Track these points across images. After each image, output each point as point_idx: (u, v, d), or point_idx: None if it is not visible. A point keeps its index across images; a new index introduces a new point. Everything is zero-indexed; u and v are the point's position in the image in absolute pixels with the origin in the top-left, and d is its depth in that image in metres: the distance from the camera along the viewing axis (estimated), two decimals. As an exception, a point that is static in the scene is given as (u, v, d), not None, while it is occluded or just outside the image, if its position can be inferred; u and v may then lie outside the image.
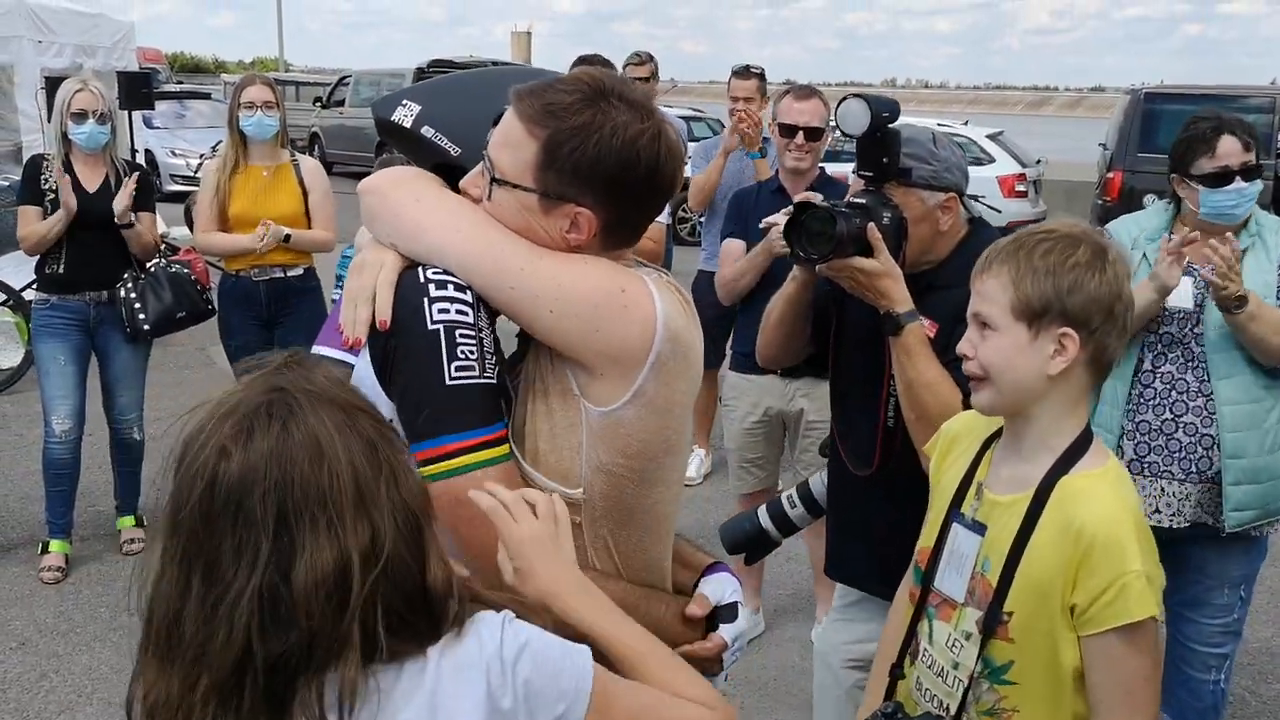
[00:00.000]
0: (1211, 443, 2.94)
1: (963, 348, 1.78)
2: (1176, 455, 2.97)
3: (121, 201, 4.48)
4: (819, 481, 2.62)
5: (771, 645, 4.09)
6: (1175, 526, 2.98)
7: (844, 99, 2.25)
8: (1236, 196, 2.94)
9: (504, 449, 1.47)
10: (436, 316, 1.45)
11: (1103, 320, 1.68)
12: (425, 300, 1.46)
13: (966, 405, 2.15)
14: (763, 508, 2.64)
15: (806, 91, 4.04)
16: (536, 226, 1.51)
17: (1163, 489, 2.99)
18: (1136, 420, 3.00)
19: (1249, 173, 2.94)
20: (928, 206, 2.31)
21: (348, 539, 1.15)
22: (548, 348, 1.51)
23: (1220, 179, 2.93)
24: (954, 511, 1.84)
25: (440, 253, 1.50)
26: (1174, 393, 2.97)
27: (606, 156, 1.46)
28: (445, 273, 1.48)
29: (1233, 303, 2.80)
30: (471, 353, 1.45)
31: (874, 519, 2.49)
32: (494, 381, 1.47)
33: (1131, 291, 1.74)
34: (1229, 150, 2.94)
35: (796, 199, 2.26)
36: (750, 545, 2.65)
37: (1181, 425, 2.96)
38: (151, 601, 1.17)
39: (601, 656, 1.33)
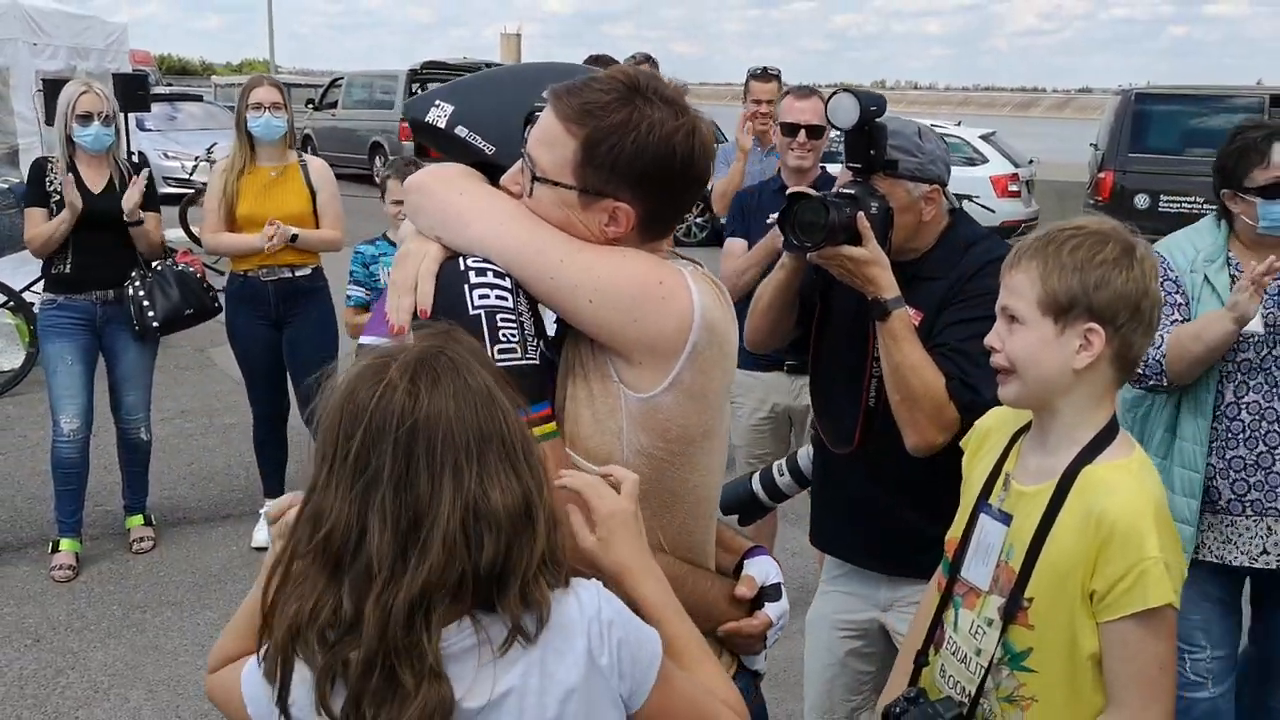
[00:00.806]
0: None
1: (990, 340, 1.81)
2: (1279, 490, 2.80)
3: (132, 198, 4.53)
4: (805, 455, 2.71)
5: (780, 637, 4.12)
6: (1270, 568, 2.84)
7: (834, 93, 2.31)
8: None
9: (551, 426, 1.53)
10: (477, 302, 1.50)
11: (1129, 317, 1.70)
12: (466, 287, 1.51)
13: (949, 389, 2.24)
14: (756, 474, 2.75)
15: (806, 91, 4.10)
16: (576, 221, 1.55)
17: (1270, 528, 2.82)
18: (1228, 457, 2.82)
19: None
20: (912, 197, 2.38)
21: (527, 478, 1.26)
22: (587, 336, 1.56)
23: (1279, 189, 2.75)
24: (982, 502, 1.88)
25: (483, 244, 1.54)
26: (1264, 423, 2.80)
27: (644, 153, 1.51)
28: (484, 260, 1.53)
29: None
30: (513, 335, 1.50)
31: (854, 495, 2.57)
32: (536, 362, 1.52)
33: (1159, 289, 1.75)
34: None
35: (790, 191, 2.32)
36: (742, 508, 2.79)
37: (1278, 458, 2.79)
38: (317, 523, 1.24)
39: None
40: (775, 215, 3.57)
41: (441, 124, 1.71)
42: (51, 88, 6.38)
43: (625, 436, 1.54)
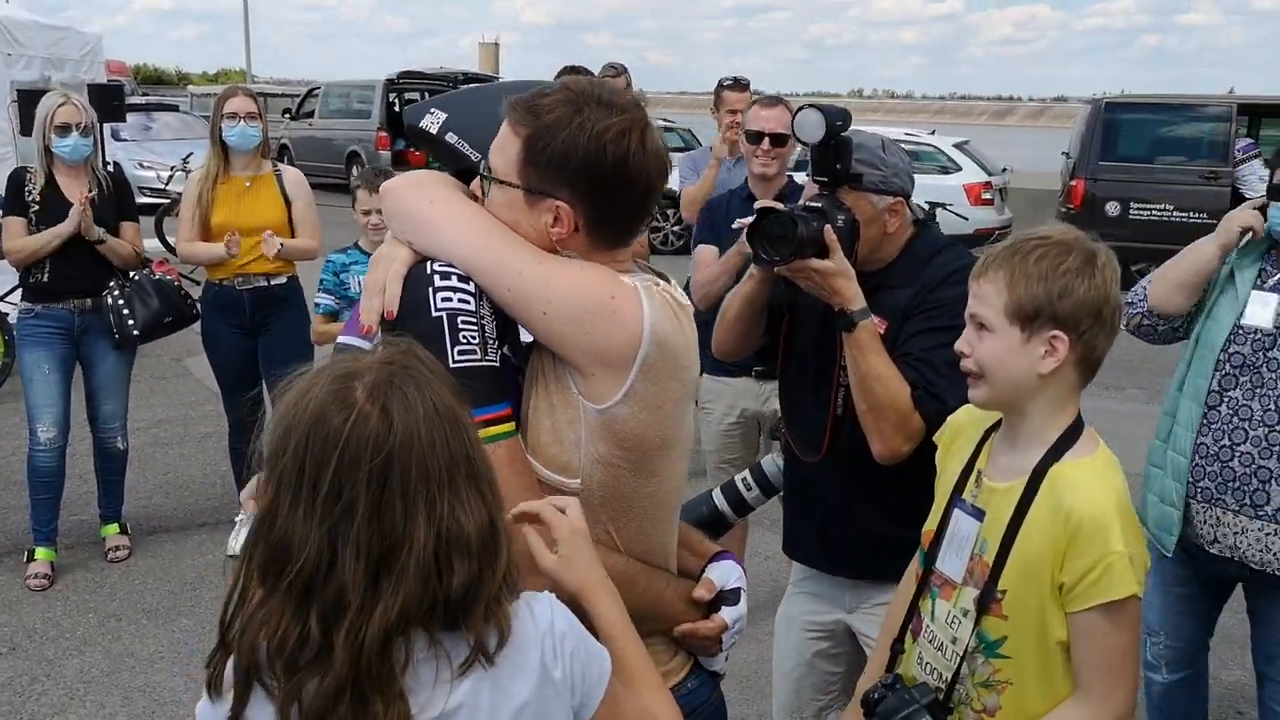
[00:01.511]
0: (1269, 476, 2.73)
1: (960, 346, 1.88)
2: (1231, 485, 2.79)
3: (85, 222, 4.52)
4: (770, 463, 2.73)
5: (750, 640, 4.12)
6: (1224, 556, 2.84)
7: (800, 109, 2.36)
8: None
9: (509, 426, 1.56)
10: (440, 305, 1.55)
11: (1091, 323, 1.78)
12: (430, 290, 1.56)
13: (915, 398, 2.29)
14: (718, 490, 2.75)
15: (772, 100, 4.15)
16: (524, 221, 1.61)
17: (1218, 518, 2.83)
18: (1196, 442, 2.85)
19: None
20: (877, 209, 2.43)
21: (490, 497, 1.27)
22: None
23: None
24: (955, 497, 1.95)
25: (449, 251, 1.60)
26: (1236, 419, 2.79)
27: (574, 150, 1.55)
28: (450, 265, 1.59)
29: None
30: (473, 337, 1.54)
31: (823, 501, 2.62)
32: (496, 364, 1.56)
33: (1120, 295, 1.83)
34: None
35: (758, 205, 2.37)
36: (706, 525, 2.75)
37: (1237, 454, 2.78)
38: (286, 554, 1.21)
39: None
40: (740, 220, 3.64)
41: (434, 130, 1.77)
42: (27, 98, 6.38)
43: (583, 446, 1.58)
